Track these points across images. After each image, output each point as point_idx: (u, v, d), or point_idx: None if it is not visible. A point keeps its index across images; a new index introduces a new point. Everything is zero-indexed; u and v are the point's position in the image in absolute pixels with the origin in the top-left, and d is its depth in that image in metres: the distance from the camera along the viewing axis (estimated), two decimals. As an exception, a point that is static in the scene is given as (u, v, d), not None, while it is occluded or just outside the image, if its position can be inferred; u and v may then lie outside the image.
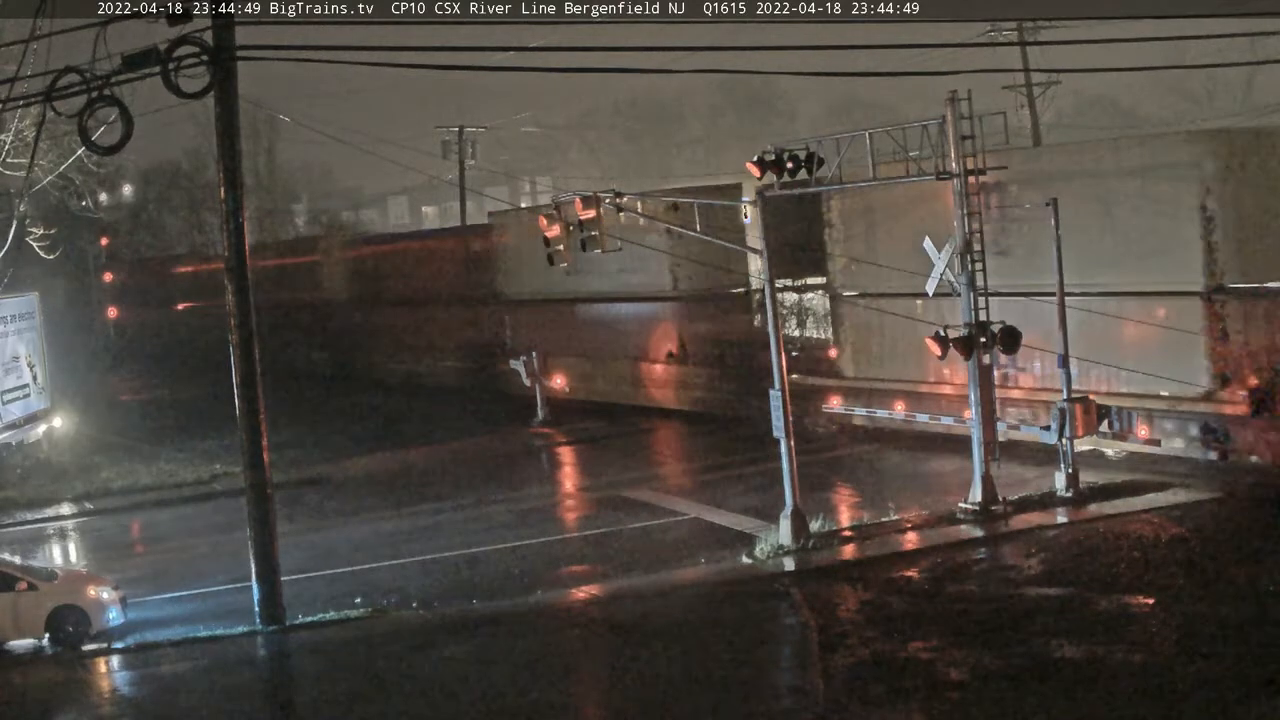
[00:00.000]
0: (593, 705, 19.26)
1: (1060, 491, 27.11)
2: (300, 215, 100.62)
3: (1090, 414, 27.08)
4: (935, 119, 26.61)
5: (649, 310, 43.07)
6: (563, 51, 27.95)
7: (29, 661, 22.36)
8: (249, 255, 23.12)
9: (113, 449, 41.04)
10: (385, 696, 19.17)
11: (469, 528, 29.50)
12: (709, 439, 38.00)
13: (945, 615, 20.70)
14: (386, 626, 22.48)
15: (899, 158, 28.23)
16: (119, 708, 20.40)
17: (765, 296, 26.10)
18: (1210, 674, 17.40)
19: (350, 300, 60.96)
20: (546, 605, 23.34)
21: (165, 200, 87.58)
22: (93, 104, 20.59)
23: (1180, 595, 20.73)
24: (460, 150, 63.10)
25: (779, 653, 20.63)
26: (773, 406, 25.80)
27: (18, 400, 39.73)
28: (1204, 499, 26.42)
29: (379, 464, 37.99)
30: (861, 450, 33.83)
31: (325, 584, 25.37)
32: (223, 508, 32.02)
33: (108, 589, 23.69)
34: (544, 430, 41.46)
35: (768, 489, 28.30)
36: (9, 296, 39.17)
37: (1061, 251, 26.97)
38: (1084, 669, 17.92)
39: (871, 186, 29.19)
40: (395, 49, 25.65)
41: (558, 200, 30.24)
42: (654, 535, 27.55)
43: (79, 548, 31.69)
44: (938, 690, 17.66)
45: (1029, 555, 23.88)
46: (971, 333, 26.20)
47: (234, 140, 22.77)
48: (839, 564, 24.29)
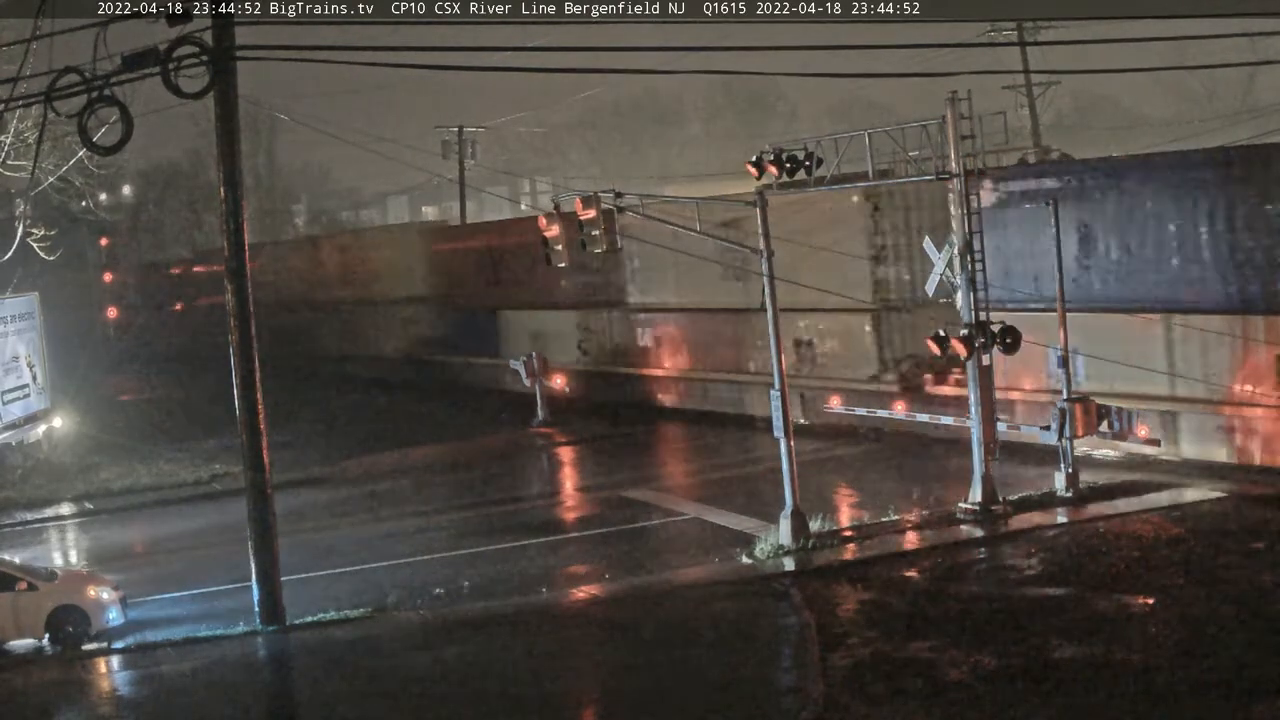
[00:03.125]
0: (593, 705, 19.26)
1: (1060, 491, 27.12)
2: (300, 215, 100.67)
3: (1090, 414, 27.10)
4: (935, 119, 26.62)
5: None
6: (563, 51, 27.98)
7: (29, 661, 22.36)
8: (248, 256, 23.14)
9: (113, 449, 41.03)
10: (385, 696, 19.17)
11: (469, 528, 29.52)
12: (709, 439, 38.00)
13: (945, 615, 20.71)
14: (386, 626, 22.49)
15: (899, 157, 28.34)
16: (119, 708, 20.38)
17: (766, 297, 26.06)
18: (1210, 674, 17.41)
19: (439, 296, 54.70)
20: (546, 605, 23.34)
21: (165, 200, 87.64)
22: (93, 104, 20.57)
23: (1180, 595, 20.73)
24: (460, 150, 63.08)
25: (779, 653, 20.62)
26: (773, 407, 25.81)
27: (18, 400, 39.75)
28: (1204, 499, 26.43)
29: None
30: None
31: (325, 584, 25.38)
32: (223, 508, 32.03)
33: (108, 589, 23.70)
34: (544, 430, 41.48)
35: (769, 488, 28.30)
36: (9, 296, 39.21)
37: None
38: (1084, 669, 17.92)
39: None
40: (395, 49, 25.68)
41: (557, 199, 30.26)
42: (654, 535, 27.57)
43: (79, 548, 31.70)
44: (938, 690, 17.66)
45: (1029, 555, 23.89)
46: (971, 332, 26.20)
47: (234, 140, 22.77)
48: (839, 564, 24.29)
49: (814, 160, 26.84)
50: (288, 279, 62.34)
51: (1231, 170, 28.12)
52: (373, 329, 58.15)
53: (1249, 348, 27.65)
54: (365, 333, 58.64)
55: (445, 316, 53.95)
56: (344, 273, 60.97)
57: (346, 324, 59.84)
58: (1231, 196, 27.85)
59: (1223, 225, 28.01)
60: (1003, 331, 26.28)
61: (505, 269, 49.86)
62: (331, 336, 60.65)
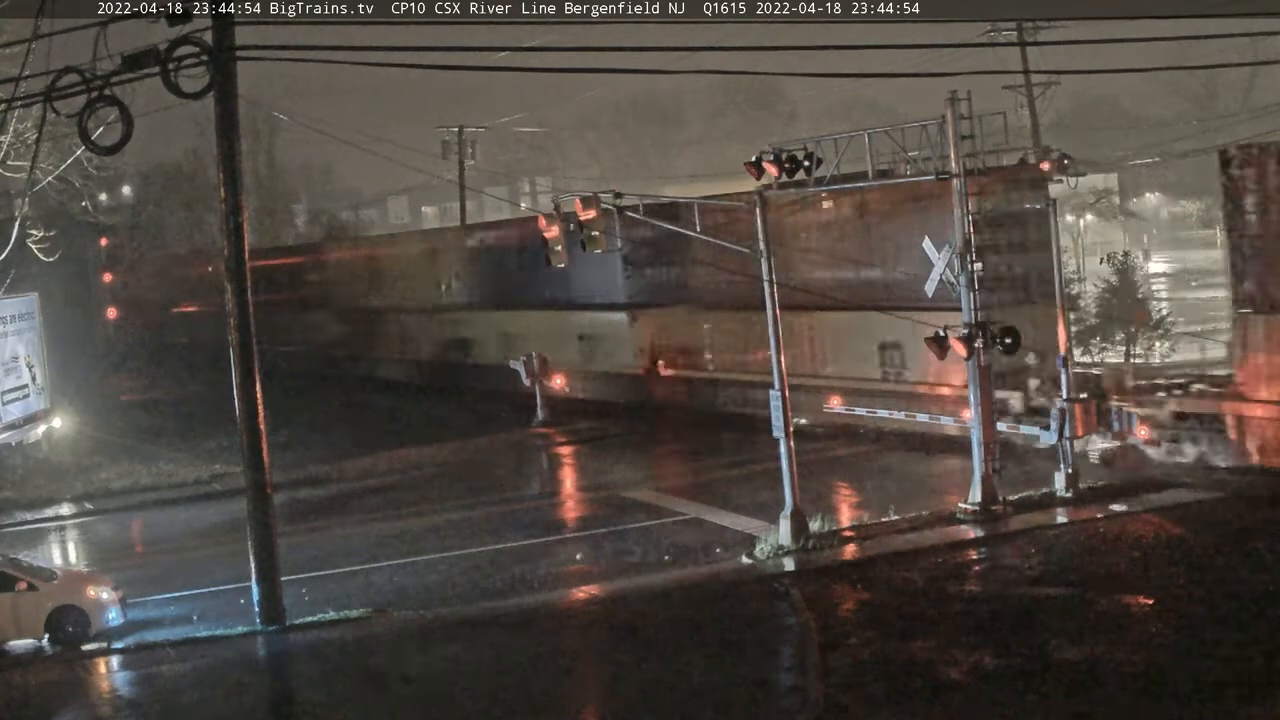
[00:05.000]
0: (593, 705, 19.26)
1: (1060, 491, 27.13)
2: (300, 215, 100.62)
3: (1090, 414, 27.12)
4: (935, 119, 26.61)
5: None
6: (563, 51, 27.98)
7: (29, 661, 22.33)
8: (247, 256, 23.13)
9: (113, 449, 41.02)
10: (385, 696, 19.17)
11: (468, 528, 29.52)
12: (709, 438, 38.00)
13: (945, 615, 20.71)
14: (386, 626, 22.48)
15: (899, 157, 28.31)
16: (119, 708, 20.38)
17: (766, 297, 26.04)
18: (1210, 674, 17.40)
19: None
20: (546, 605, 23.34)
21: (165, 201, 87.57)
22: (93, 104, 20.54)
23: (1180, 595, 20.73)
24: (460, 150, 63.05)
25: (779, 653, 20.62)
26: (773, 407, 25.80)
27: (17, 400, 39.72)
28: (1204, 499, 26.44)
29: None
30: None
31: (325, 584, 25.37)
32: (223, 508, 32.02)
33: (107, 589, 23.68)
34: (544, 430, 41.47)
35: (770, 488, 28.29)
36: (9, 297, 39.16)
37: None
38: (1084, 669, 17.92)
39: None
40: (395, 49, 25.66)
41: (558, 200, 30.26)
42: (654, 535, 27.54)
43: (79, 548, 31.69)
44: (938, 690, 17.66)
45: (1029, 555, 23.89)
46: (971, 332, 26.20)
47: (234, 140, 22.76)
48: (839, 564, 24.29)
49: (814, 160, 26.84)
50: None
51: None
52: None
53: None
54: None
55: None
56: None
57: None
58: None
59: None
60: (1003, 331, 26.32)
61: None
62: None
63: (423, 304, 56.82)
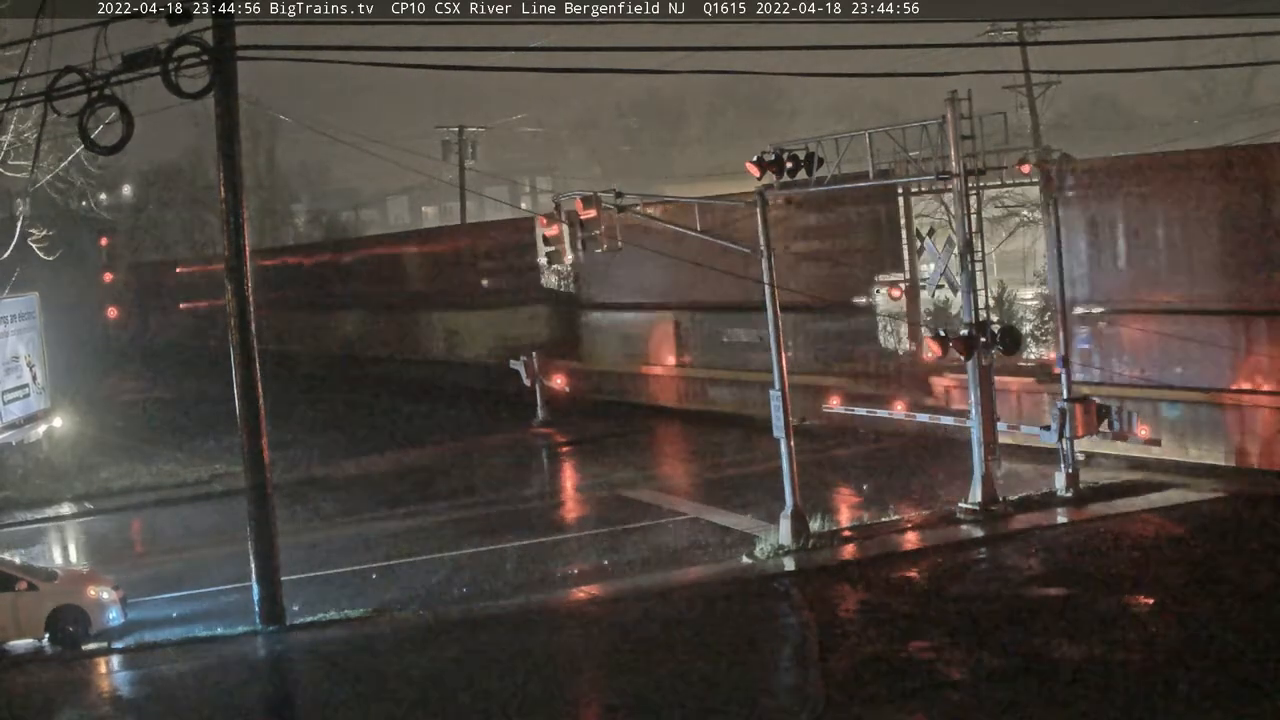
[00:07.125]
0: (592, 704, 19.24)
1: (1060, 491, 27.12)
2: (300, 215, 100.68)
3: (1090, 414, 27.09)
4: (935, 119, 26.61)
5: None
6: (563, 51, 27.95)
7: (29, 661, 22.35)
8: (248, 254, 23.15)
9: (113, 449, 41.03)
10: (385, 696, 19.16)
11: (468, 528, 29.53)
12: (709, 438, 38.01)
13: (945, 615, 20.71)
14: (386, 626, 22.48)
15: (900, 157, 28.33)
16: (119, 708, 20.37)
17: (766, 298, 26.05)
18: (1210, 674, 17.39)
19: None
20: (546, 605, 23.34)
21: (165, 200, 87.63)
22: (93, 104, 20.53)
23: (1180, 595, 20.73)
24: (460, 150, 63.07)
25: (779, 652, 20.62)
26: (773, 407, 25.80)
27: (18, 400, 39.70)
28: (1204, 499, 26.44)
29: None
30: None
31: (325, 584, 25.37)
32: (223, 508, 32.02)
33: (108, 589, 23.68)
34: (544, 430, 41.47)
35: (769, 488, 28.31)
36: (9, 296, 39.14)
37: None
38: (1084, 669, 17.92)
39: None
40: (395, 49, 25.64)
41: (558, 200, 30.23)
42: (654, 535, 27.55)
43: (79, 548, 31.69)
44: (938, 690, 17.66)
45: (1029, 555, 23.89)
46: (972, 332, 26.20)
47: (234, 140, 22.76)
48: (839, 564, 24.30)
49: (814, 160, 26.83)
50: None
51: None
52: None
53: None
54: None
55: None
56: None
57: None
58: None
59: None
60: (1004, 331, 26.33)
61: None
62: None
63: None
